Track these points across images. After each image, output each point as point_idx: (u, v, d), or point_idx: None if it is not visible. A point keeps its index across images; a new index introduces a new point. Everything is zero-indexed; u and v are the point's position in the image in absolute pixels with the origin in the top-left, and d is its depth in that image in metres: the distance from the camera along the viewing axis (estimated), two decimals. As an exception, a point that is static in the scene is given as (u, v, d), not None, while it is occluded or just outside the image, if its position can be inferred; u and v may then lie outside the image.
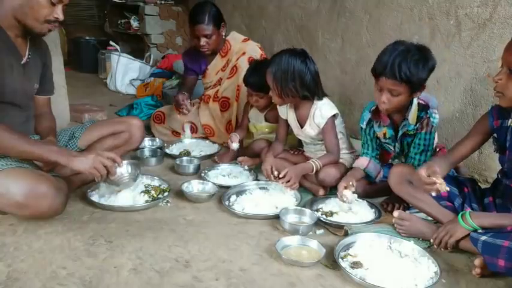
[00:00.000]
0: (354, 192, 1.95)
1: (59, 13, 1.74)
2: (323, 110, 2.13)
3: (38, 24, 1.74)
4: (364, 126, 2.09)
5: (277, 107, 2.31)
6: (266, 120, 2.58)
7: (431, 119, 1.89)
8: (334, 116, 2.14)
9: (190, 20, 2.73)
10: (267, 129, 2.60)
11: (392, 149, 2.09)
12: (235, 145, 2.47)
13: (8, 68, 1.74)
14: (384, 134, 2.04)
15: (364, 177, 2.10)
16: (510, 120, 1.59)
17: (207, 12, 2.68)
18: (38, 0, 1.68)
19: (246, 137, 2.74)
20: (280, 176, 2.03)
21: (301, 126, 2.23)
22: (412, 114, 1.91)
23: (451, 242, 1.61)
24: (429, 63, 1.78)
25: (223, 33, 2.85)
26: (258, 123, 2.61)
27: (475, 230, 1.54)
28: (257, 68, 2.40)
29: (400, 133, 1.98)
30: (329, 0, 3.24)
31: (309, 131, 2.20)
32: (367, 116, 2.06)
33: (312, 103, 2.15)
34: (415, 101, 1.91)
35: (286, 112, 2.28)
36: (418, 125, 1.92)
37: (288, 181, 2.01)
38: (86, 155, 1.73)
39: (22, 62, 1.83)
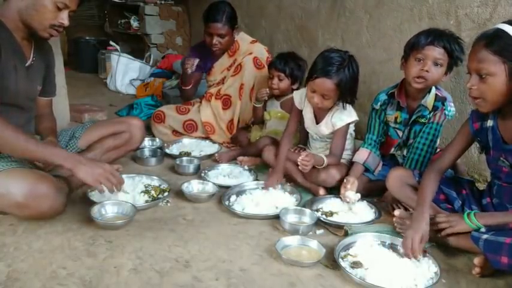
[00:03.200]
0: (356, 192, 1.97)
1: (64, 18, 1.73)
2: (344, 113, 2.12)
3: (42, 28, 1.73)
4: (377, 107, 2.12)
5: (294, 94, 2.31)
6: (281, 107, 2.67)
7: (446, 111, 1.97)
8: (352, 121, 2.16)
9: (207, 17, 2.75)
10: (279, 114, 2.66)
11: (400, 135, 2.11)
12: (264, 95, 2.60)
13: (13, 70, 1.74)
14: (396, 118, 2.09)
15: (364, 171, 2.13)
16: (489, 121, 1.63)
17: (224, 12, 2.72)
18: (44, 3, 1.68)
19: (255, 130, 2.74)
20: (303, 156, 1.99)
21: (317, 122, 2.23)
22: (429, 100, 1.97)
23: (447, 232, 1.62)
24: (464, 48, 1.88)
25: (236, 35, 2.87)
26: (273, 108, 2.69)
27: (477, 229, 1.54)
28: (285, 54, 2.62)
29: (413, 118, 2.02)
30: (329, 0, 3.23)
31: (323, 129, 2.20)
32: (383, 97, 2.10)
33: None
34: (433, 89, 1.98)
35: (303, 103, 2.26)
36: (432, 113, 1.98)
37: (305, 162, 1.98)
38: (92, 165, 1.67)
39: (26, 65, 1.83)
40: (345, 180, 2.04)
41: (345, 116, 2.12)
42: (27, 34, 1.79)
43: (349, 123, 2.14)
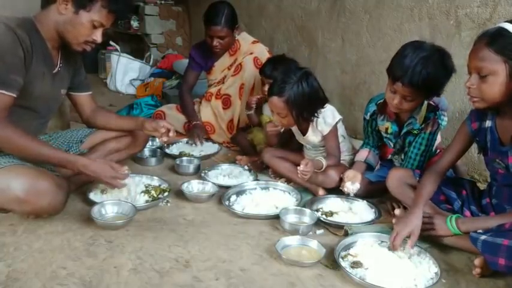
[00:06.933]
0: (357, 183, 2.00)
1: (98, 36, 1.80)
2: (326, 117, 2.12)
3: (76, 42, 1.80)
4: (367, 117, 2.11)
5: None
6: None
7: (439, 121, 1.91)
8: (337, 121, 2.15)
9: (206, 20, 2.76)
10: None
11: (392, 145, 2.11)
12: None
13: (40, 76, 1.79)
14: (386, 129, 2.06)
15: (365, 168, 2.14)
16: (487, 121, 1.62)
17: (223, 14, 2.71)
18: (82, 21, 1.74)
19: (257, 131, 2.69)
20: (302, 166, 1.98)
21: (303, 134, 2.23)
22: (421, 114, 1.93)
23: (431, 233, 1.64)
24: (449, 70, 1.78)
25: (236, 35, 2.87)
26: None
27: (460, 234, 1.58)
28: (274, 59, 2.53)
29: (404, 130, 1.99)
30: (329, 0, 3.23)
31: (311, 138, 2.20)
32: (373, 108, 2.08)
33: None
34: (425, 102, 1.92)
35: None
36: (423, 125, 1.93)
37: (305, 172, 1.98)
38: (102, 162, 1.85)
39: (54, 72, 1.87)
40: (341, 175, 2.07)
41: (329, 119, 2.12)
42: (59, 44, 1.84)
43: (335, 124, 2.14)
